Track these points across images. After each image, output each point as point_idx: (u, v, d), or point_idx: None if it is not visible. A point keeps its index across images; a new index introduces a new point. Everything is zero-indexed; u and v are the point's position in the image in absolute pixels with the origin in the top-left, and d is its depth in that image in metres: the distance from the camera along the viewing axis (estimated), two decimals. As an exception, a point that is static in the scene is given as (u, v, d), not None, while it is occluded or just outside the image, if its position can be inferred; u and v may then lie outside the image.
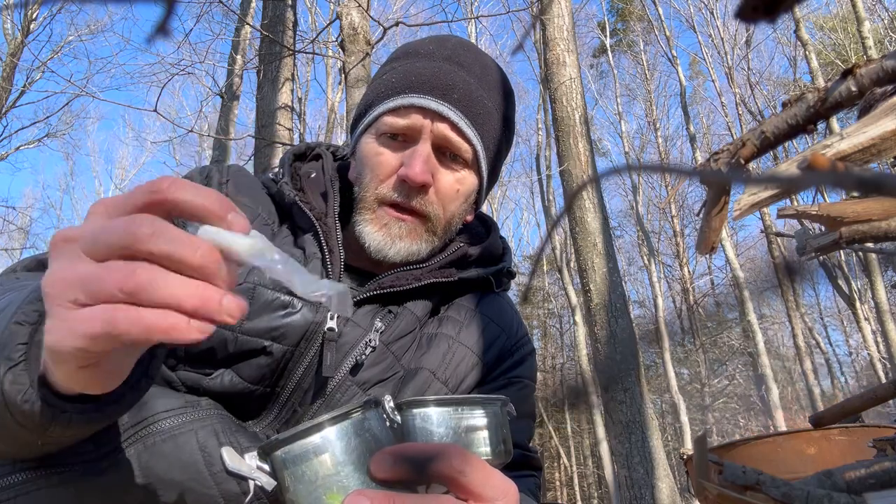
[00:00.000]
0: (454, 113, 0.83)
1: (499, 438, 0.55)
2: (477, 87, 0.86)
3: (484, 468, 0.47)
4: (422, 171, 0.81)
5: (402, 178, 0.82)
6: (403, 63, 0.88)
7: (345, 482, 0.45)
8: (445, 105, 0.83)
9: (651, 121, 20.19)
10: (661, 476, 5.45)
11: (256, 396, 0.76)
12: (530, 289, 18.90)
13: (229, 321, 0.40)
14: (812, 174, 0.19)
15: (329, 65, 14.20)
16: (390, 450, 0.47)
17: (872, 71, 0.67)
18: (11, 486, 0.62)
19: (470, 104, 0.84)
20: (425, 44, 0.90)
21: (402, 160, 0.83)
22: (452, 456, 0.46)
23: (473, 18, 10.70)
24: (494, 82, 0.90)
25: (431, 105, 0.82)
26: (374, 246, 0.84)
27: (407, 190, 0.83)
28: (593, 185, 5.67)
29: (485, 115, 0.86)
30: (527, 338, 0.99)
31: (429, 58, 0.86)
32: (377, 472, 0.46)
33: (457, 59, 0.87)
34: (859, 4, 10.41)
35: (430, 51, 0.88)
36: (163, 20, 0.33)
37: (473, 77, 0.86)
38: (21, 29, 11.26)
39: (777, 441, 1.54)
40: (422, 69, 0.85)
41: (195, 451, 0.68)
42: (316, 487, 0.45)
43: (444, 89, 0.83)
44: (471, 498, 0.47)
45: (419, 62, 0.86)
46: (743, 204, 0.86)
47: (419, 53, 0.88)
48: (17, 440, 0.50)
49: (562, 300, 19.84)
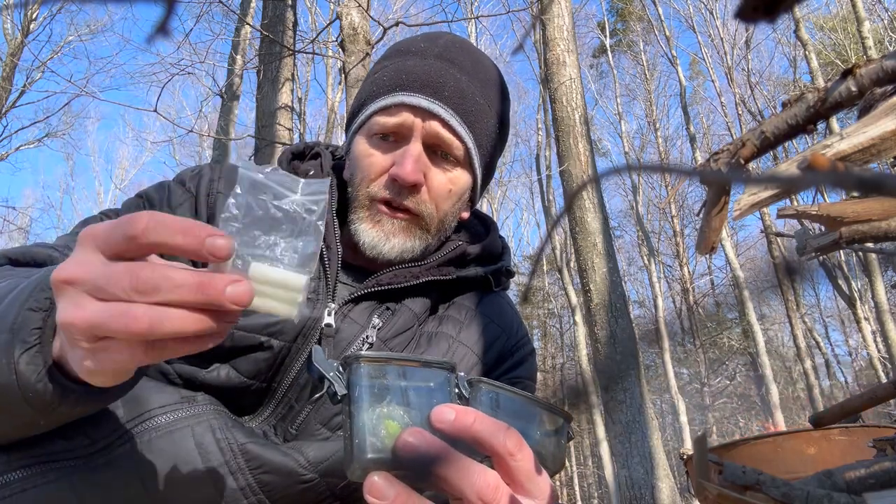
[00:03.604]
0: (445, 111, 0.83)
1: (559, 448, 0.55)
2: (469, 84, 0.85)
3: (534, 462, 0.48)
4: (412, 170, 0.81)
5: (393, 178, 0.82)
6: (394, 61, 0.88)
7: (406, 418, 0.46)
8: (436, 103, 0.82)
9: (651, 121, 20.19)
10: (661, 476, 5.45)
11: (252, 391, 0.76)
12: (530, 289, 18.90)
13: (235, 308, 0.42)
14: (812, 174, 0.19)
15: (329, 65, 14.19)
16: (459, 407, 0.47)
17: (872, 71, 0.67)
18: (8, 483, 0.62)
19: (461, 102, 0.84)
20: (417, 42, 0.90)
21: (393, 160, 0.83)
22: (511, 437, 0.46)
23: (473, 18, 10.70)
24: (487, 79, 0.89)
25: (422, 103, 0.82)
26: (369, 242, 0.84)
27: (398, 189, 0.83)
28: (593, 185, 5.67)
29: (477, 112, 0.86)
30: (527, 338, 0.99)
31: (420, 56, 0.86)
32: (438, 419, 0.45)
33: (448, 57, 0.86)
34: (859, 4, 10.40)
35: (422, 48, 0.87)
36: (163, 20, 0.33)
37: (465, 74, 0.86)
38: (21, 29, 11.26)
39: (777, 441, 1.54)
40: (412, 67, 0.85)
41: (191, 447, 0.68)
42: (381, 413, 0.45)
43: (435, 87, 0.83)
44: (513, 485, 0.47)
45: (410, 60, 0.86)
46: (743, 204, 0.86)
47: (410, 51, 0.88)
48: (22, 418, 0.52)
49: (562, 300, 19.85)
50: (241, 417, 0.77)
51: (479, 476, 0.44)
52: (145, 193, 0.86)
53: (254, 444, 0.70)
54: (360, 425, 0.44)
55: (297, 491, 0.71)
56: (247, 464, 0.69)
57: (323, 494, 0.72)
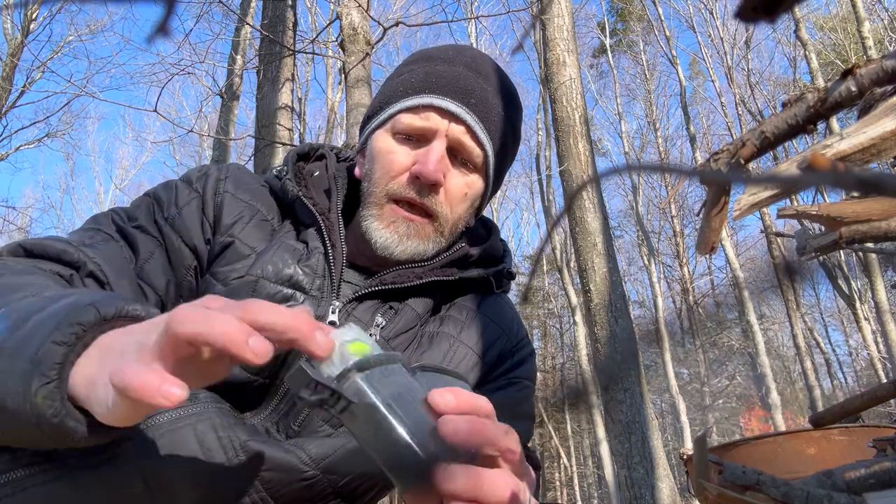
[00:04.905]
0: (471, 116, 0.85)
1: None
2: (493, 95, 0.88)
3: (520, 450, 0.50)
4: (436, 168, 0.82)
5: (416, 175, 0.83)
6: (423, 66, 0.90)
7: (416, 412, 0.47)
8: (463, 108, 0.84)
9: (651, 121, 20.18)
10: (661, 476, 5.45)
11: (255, 387, 0.76)
12: (530, 289, 18.91)
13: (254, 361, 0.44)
14: (812, 174, 0.19)
15: (329, 65, 14.19)
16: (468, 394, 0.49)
17: (872, 71, 0.67)
18: (10, 482, 0.63)
19: (486, 110, 0.86)
20: (444, 50, 0.92)
21: (415, 158, 0.84)
22: (511, 434, 0.49)
23: (473, 18, 10.71)
24: (507, 94, 0.92)
25: (450, 107, 0.84)
26: (381, 243, 0.84)
27: (419, 187, 0.83)
28: (593, 185, 5.67)
29: (498, 122, 0.88)
30: (527, 339, 0.99)
31: (449, 63, 0.88)
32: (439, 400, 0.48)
33: (475, 67, 0.89)
34: (859, 4, 10.41)
35: (450, 56, 0.90)
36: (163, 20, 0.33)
37: (490, 85, 0.88)
38: (21, 29, 11.25)
39: (777, 441, 1.54)
40: (442, 72, 0.87)
41: (194, 446, 0.68)
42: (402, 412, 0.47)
43: (464, 93, 0.85)
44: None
45: (439, 66, 0.88)
46: (743, 204, 0.86)
47: (439, 58, 0.90)
48: (30, 438, 0.52)
49: (562, 300, 19.84)
50: (244, 414, 0.77)
51: None
52: (153, 193, 0.87)
53: (256, 442, 0.70)
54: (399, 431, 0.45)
55: (299, 488, 0.71)
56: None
57: (325, 491, 0.73)
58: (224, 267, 0.79)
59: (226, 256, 0.80)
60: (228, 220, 0.83)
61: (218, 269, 0.79)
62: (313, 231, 0.85)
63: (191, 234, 0.81)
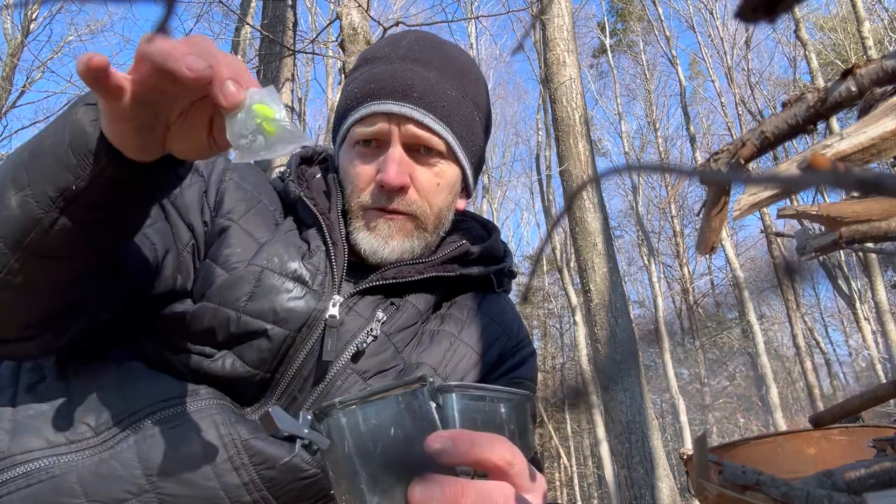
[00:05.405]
0: (417, 112, 0.84)
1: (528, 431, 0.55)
2: (438, 79, 0.87)
3: (525, 461, 0.48)
4: (397, 174, 0.82)
5: (380, 185, 0.84)
6: (363, 71, 0.90)
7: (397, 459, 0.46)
8: (407, 106, 0.84)
9: (651, 121, 20.19)
10: (661, 476, 5.45)
11: (256, 382, 0.76)
12: (530, 289, 18.91)
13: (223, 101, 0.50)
14: (812, 174, 0.19)
15: (329, 65, 14.20)
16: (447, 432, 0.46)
17: (872, 71, 0.67)
18: (13, 479, 0.63)
19: (432, 99, 0.85)
20: (381, 47, 0.92)
21: (377, 167, 0.85)
22: (503, 446, 0.46)
23: (473, 18, 10.71)
24: (457, 70, 0.90)
25: (393, 109, 0.84)
26: (369, 249, 0.85)
27: (387, 195, 0.84)
28: (593, 185, 5.67)
29: (451, 105, 0.87)
30: (527, 339, 0.99)
31: (385, 61, 0.88)
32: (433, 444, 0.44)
33: (413, 56, 0.88)
34: (859, 4, 10.41)
35: (386, 53, 0.89)
36: (163, 20, 0.33)
37: (433, 70, 0.87)
38: (21, 29, 11.26)
39: (777, 441, 1.54)
40: (379, 74, 0.86)
41: (195, 442, 0.68)
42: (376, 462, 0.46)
43: (404, 90, 0.84)
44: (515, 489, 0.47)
45: (377, 67, 0.88)
46: (743, 204, 0.86)
47: (376, 58, 0.90)
48: (53, 180, 0.57)
49: (562, 300, 19.84)
50: (244, 409, 0.77)
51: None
52: None
53: (257, 440, 0.70)
54: (362, 487, 0.45)
55: (299, 486, 0.71)
56: (250, 459, 0.69)
57: (326, 490, 0.73)
58: (224, 249, 0.79)
59: (224, 239, 0.80)
60: (230, 205, 0.83)
61: (218, 252, 0.79)
62: (314, 231, 0.85)
63: (189, 213, 0.82)
